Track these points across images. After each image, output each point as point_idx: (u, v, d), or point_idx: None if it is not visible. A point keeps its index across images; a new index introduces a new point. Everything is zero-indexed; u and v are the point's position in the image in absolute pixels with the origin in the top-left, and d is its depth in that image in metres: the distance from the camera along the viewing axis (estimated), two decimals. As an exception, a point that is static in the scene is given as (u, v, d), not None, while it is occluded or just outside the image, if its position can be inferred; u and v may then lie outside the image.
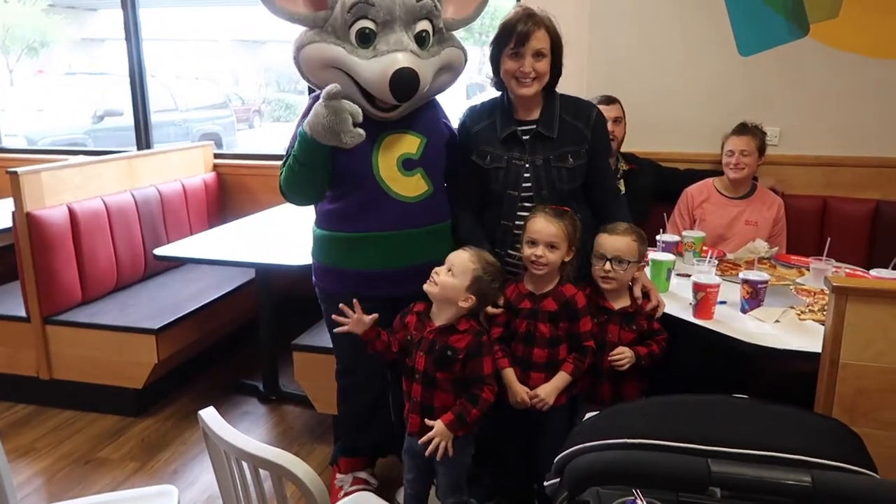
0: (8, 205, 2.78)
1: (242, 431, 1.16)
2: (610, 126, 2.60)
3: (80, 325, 2.78)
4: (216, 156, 3.81)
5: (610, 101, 2.72)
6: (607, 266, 1.83)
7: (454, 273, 1.70)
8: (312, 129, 1.75)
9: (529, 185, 1.91)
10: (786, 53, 2.85)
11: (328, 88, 1.72)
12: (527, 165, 1.91)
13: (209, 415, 1.17)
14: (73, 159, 3.25)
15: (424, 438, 1.72)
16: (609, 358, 1.85)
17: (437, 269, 1.73)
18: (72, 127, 7.41)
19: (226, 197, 3.76)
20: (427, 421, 1.73)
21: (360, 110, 1.75)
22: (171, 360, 2.84)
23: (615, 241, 1.85)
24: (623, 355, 1.84)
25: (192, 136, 7.67)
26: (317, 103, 1.75)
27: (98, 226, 2.95)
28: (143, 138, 3.92)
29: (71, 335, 2.78)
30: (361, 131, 1.75)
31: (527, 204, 1.91)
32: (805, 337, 1.77)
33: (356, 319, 1.75)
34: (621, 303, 1.90)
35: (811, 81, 2.85)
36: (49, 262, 2.75)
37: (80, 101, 7.66)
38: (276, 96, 12.60)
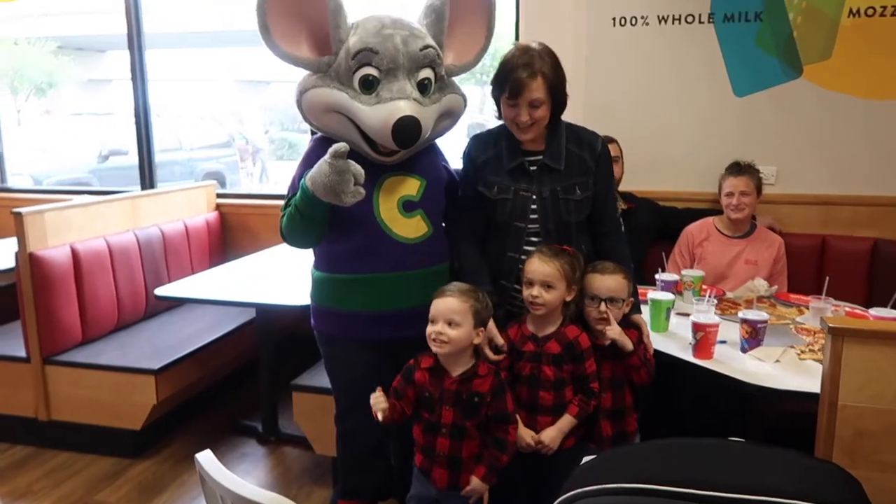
0: (11, 244, 2.80)
1: (241, 473, 1.16)
2: (616, 169, 2.64)
3: (80, 366, 2.77)
4: (219, 195, 3.85)
5: (607, 140, 2.75)
6: (602, 307, 1.83)
7: (456, 322, 1.68)
8: (314, 185, 1.75)
9: (536, 216, 1.90)
10: (780, 94, 2.90)
11: (335, 147, 1.70)
12: (534, 197, 1.90)
13: (206, 458, 1.16)
14: (77, 199, 3.28)
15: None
16: (602, 329, 1.81)
17: (435, 329, 1.69)
18: (77, 166, 7.49)
19: (228, 236, 3.78)
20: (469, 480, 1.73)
21: (362, 171, 1.74)
22: (170, 401, 2.83)
23: (607, 281, 1.83)
24: (613, 327, 1.80)
25: (195, 174, 7.74)
26: (321, 160, 1.74)
27: (100, 266, 2.97)
28: (148, 178, 3.96)
29: (70, 375, 2.77)
30: (362, 190, 1.75)
31: (533, 238, 1.91)
32: (806, 377, 1.77)
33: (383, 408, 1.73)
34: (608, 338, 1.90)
35: (806, 121, 2.89)
36: (50, 301, 2.76)
37: (85, 141, 7.75)
38: (280, 135, 12.75)
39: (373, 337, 1.94)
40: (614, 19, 3.02)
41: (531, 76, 1.79)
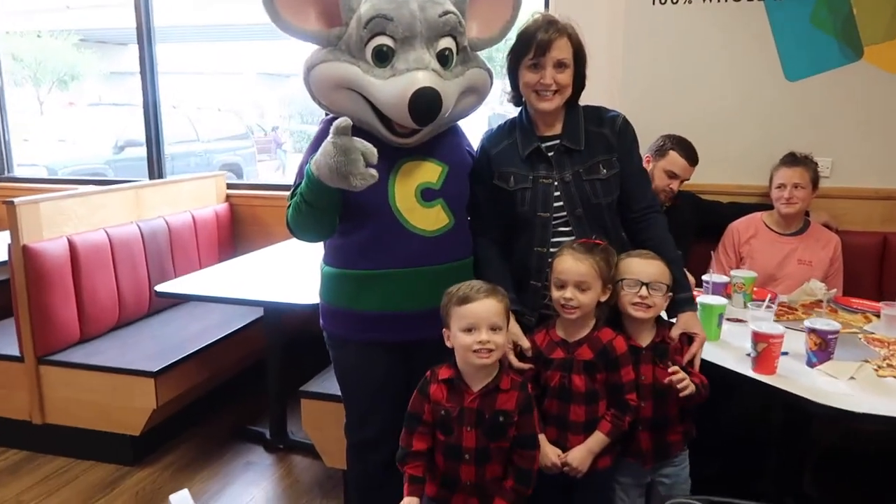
0: (5, 237, 2.63)
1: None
2: (675, 185, 2.49)
3: (76, 366, 2.59)
4: (230, 185, 3.67)
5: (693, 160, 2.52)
6: (644, 292, 1.60)
7: (499, 326, 1.49)
8: (319, 168, 1.55)
9: (561, 204, 1.72)
10: (837, 78, 2.63)
11: (337, 122, 1.52)
12: (555, 183, 1.72)
13: (180, 499, 0.95)
14: (79, 189, 3.11)
15: None
16: (669, 380, 1.58)
17: (481, 339, 1.46)
18: (93, 157, 7.40)
19: (238, 229, 3.60)
20: None
21: (374, 150, 1.54)
22: (172, 405, 2.64)
23: (649, 266, 1.63)
24: (683, 377, 1.58)
25: (212, 166, 7.64)
26: (326, 140, 1.55)
27: (100, 259, 2.79)
28: (156, 168, 3.80)
29: (66, 376, 2.60)
30: (374, 172, 1.54)
31: (562, 229, 1.71)
32: (888, 397, 1.53)
33: None
34: (647, 337, 1.67)
35: (866, 108, 2.63)
36: (45, 297, 2.58)
37: (103, 132, 7.67)
38: (299, 128, 12.64)
39: (387, 339, 1.74)
40: (654, -4, 2.77)
41: (558, 34, 1.67)
